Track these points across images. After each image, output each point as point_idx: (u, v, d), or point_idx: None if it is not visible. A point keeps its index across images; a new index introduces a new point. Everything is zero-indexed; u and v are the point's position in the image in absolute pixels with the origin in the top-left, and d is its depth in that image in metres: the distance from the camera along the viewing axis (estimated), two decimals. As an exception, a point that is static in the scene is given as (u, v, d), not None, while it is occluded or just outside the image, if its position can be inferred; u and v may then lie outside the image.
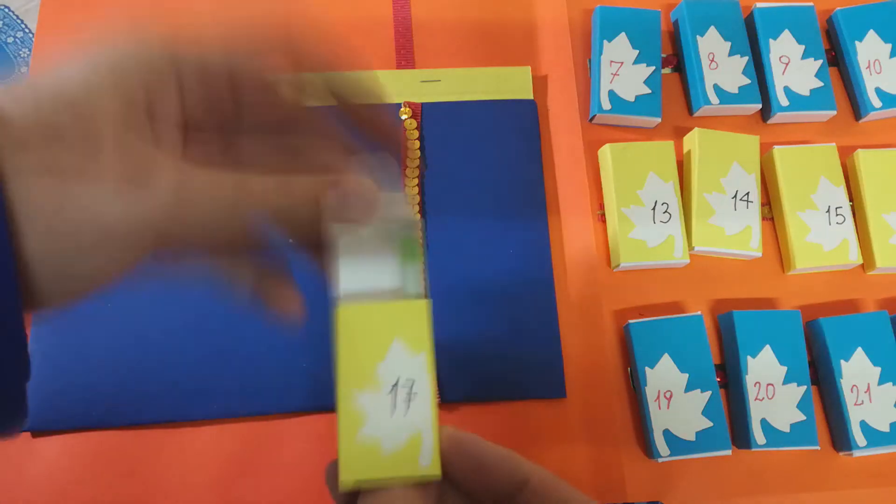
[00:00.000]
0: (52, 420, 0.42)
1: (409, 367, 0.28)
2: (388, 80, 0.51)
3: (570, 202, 0.49)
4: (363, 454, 0.26)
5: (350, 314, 0.29)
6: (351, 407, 0.27)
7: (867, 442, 0.43)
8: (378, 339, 0.29)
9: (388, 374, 0.28)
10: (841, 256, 0.47)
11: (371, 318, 0.29)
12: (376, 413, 0.27)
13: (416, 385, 0.28)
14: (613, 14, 0.52)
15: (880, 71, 0.52)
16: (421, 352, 0.29)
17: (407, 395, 0.28)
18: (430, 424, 0.27)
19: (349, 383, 0.27)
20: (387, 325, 0.29)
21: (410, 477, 0.24)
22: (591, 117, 0.51)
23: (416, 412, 0.28)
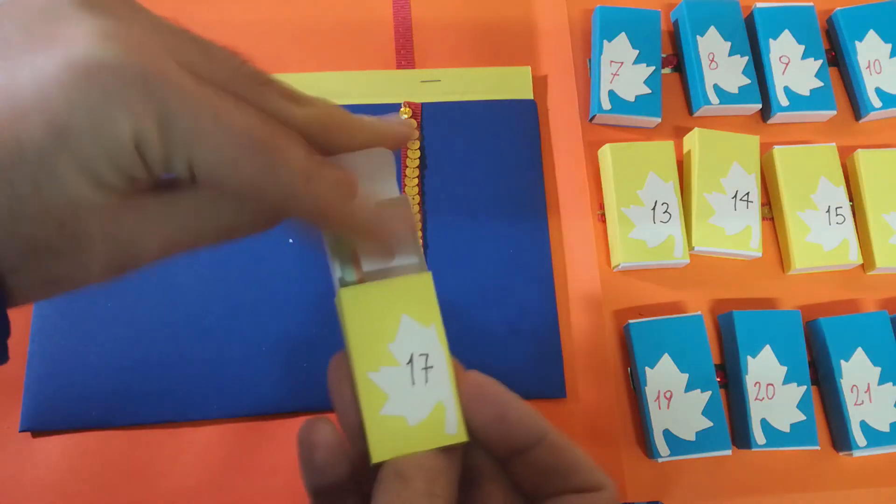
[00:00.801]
0: (52, 420, 0.42)
1: (421, 340, 0.29)
2: (388, 80, 0.51)
3: (570, 202, 0.49)
4: (390, 431, 0.26)
5: (354, 296, 0.28)
6: (370, 388, 0.27)
7: (867, 442, 0.43)
8: (386, 317, 0.29)
9: (401, 351, 0.28)
10: (841, 256, 0.47)
11: (375, 298, 0.29)
12: (396, 390, 0.27)
13: (431, 357, 0.29)
14: (613, 14, 0.52)
15: (880, 71, 0.52)
16: (431, 324, 0.29)
17: (423, 368, 0.28)
18: (450, 393, 0.28)
19: (364, 366, 0.28)
20: (392, 302, 0.29)
21: (437, 443, 0.24)
22: (591, 117, 0.51)
23: (434, 383, 0.28)
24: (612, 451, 0.44)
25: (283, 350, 0.44)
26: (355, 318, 0.28)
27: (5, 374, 0.43)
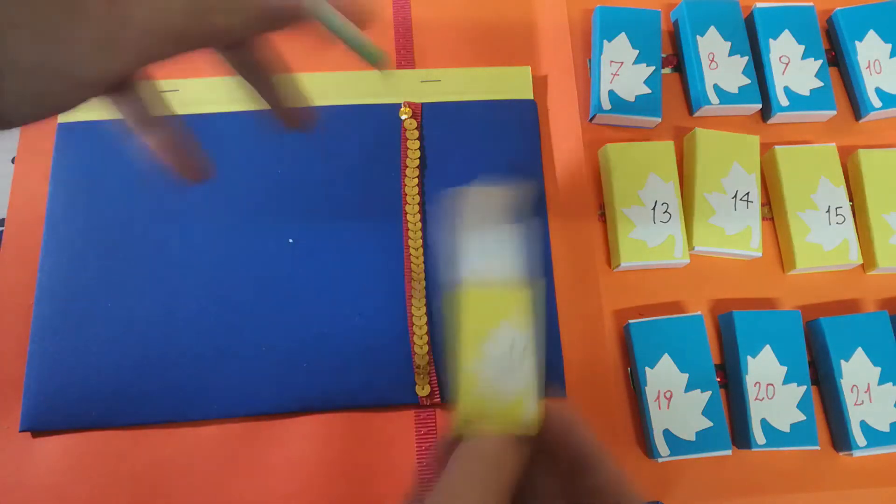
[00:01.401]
0: (52, 420, 0.42)
1: (517, 342, 0.34)
2: (388, 80, 0.51)
3: (570, 202, 0.49)
4: (476, 408, 0.31)
5: (470, 297, 0.34)
6: (468, 371, 0.32)
7: (867, 442, 0.43)
8: (490, 319, 0.34)
9: (499, 347, 0.34)
10: (841, 256, 0.47)
11: (485, 302, 0.34)
12: (488, 378, 0.33)
13: (523, 357, 0.34)
14: (613, 14, 0.52)
15: (880, 71, 0.52)
16: (526, 331, 0.35)
17: (515, 366, 0.33)
18: (533, 390, 0.33)
19: (467, 353, 0.33)
20: (499, 307, 0.34)
21: (513, 429, 0.29)
22: (591, 117, 0.51)
23: (521, 379, 0.34)
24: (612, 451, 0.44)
25: (283, 350, 0.44)
26: (469, 314, 0.34)
27: (5, 374, 0.43)
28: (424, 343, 0.44)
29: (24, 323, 0.44)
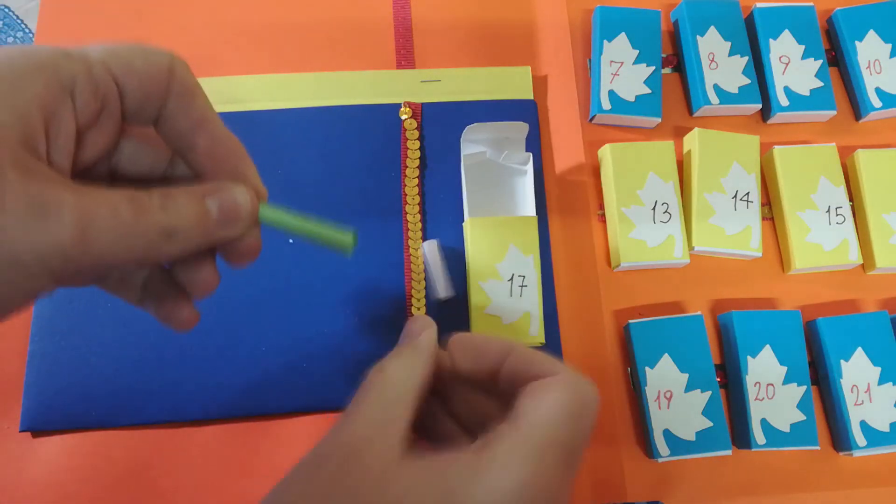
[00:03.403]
0: (52, 420, 0.42)
1: (522, 265, 0.40)
2: (388, 80, 0.51)
3: (570, 202, 0.49)
4: (487, 325, 0.36)
5: (475, 225, 0.41)
6: (479, 293, 0.38)
7: (867, 442, 0.43)
8: (498, 243, 0.40)
9: (505, 270, 0.39)
10: (841, 256, 0.47)
11: (492, 228, 0.41)
12: (497, 297, 0.38)
13: (527, 279, 0.40)
14: (613, 14, 0.52)
15: (880, 71, 0.52)
16: (530, 254, 0.41)
17: (520, 286, 0.38)
18: (537, 307, 0.39)
19: (477, 276, 0.39)
20: (504, 233, 0.41)
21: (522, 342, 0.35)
22: (591, 117, 0.51)
23: (526, 298, 0.39)
24: (612, 451, 0.44)
25: (283, 350, 0.44)
26: (475, 241, 0.41)
27: (5, 374, 0.43)
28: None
29: (24, 323, 0.44)
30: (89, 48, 0.24)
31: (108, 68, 0.23)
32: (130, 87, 0.24)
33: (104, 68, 0.23)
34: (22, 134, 0.21)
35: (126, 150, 0.27)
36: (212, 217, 0.25)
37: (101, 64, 0.23)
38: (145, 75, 0.24)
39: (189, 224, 0.24)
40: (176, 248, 0.24)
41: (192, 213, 0.24)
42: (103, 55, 0.23)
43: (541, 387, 0.28)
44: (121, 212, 0.22)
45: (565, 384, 0.28)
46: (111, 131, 0.25)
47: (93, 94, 0.23)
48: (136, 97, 0.24)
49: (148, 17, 0.53)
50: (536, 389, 0.28)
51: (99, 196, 0.21)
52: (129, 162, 0.27)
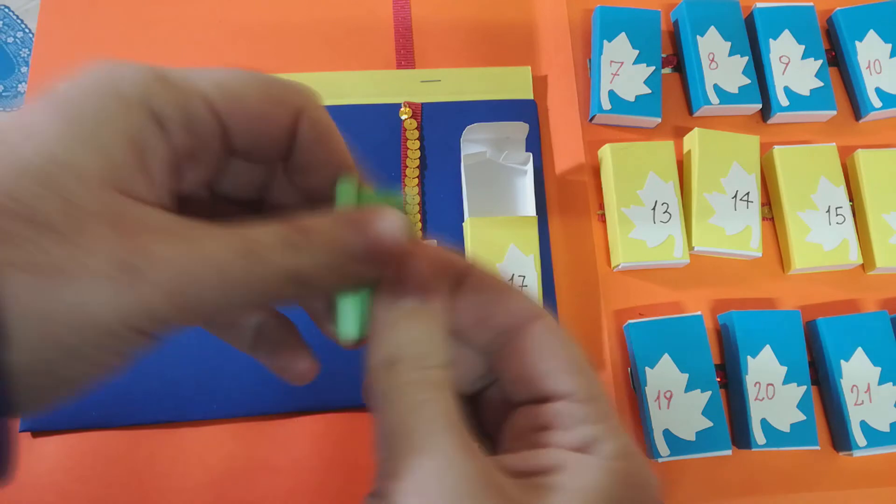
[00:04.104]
0: (52, 420, 0.42)
1: (522, 265, 0.41)
2: (388, 80, 0.51)
3: (570, 202, 0.49)
4: None
5: (475, 225, 0.42)
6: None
7: (867, 442, 0.43)
8: (498, 243, 0.41)
9: (506, 270, 0.40)
10: (841, 256, 0.47)
11: (491, 229, 0.42)
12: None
13: (527, 279, 0.42)
14: (613, 14, 0.52)
15: (880, 71, 0.52)
16: (530, 254, 0.42)
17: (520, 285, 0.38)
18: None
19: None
20: (504, 233, 0.42)
21: None
22: (591, 117, 0.51)
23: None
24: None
25: (283, 350, 0.44)
26: (475, 241, 0.42)
27: (5, 374, 0.43)
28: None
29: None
30: (195, 74, 0.20)
31: (209, 103, 0.20)
32: (239, 128, 0.20)
33: (204, 103, 0.20)
34: (111, 174, 0.18)
35: (233, 177, 0.23)
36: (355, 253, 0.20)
37: (203, 99, 0.20)
38: (259, 117, 0.20)
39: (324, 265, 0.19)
40: (307, 294, 0.20)
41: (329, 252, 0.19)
42: (209, 88, 0.20)
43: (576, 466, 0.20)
44: (229, 266, 0.18)
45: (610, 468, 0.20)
46: (211, 163, 0.21)
47: (185, 131, 0.20)
48: (246, 140, 0.21)
49: (148, 17, 0.53)
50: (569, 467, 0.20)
51: (203, 244, 0.18)
52: (231, 185, 0.23)
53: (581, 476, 0.20)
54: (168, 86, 0.19)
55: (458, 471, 0.18)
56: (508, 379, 0.23)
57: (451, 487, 0.18)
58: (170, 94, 0.19)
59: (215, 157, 0.21)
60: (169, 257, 0.17)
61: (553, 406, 0.22)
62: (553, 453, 0.21)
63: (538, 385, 0.22)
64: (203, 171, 0.21)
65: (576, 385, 0.22)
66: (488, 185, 0.48)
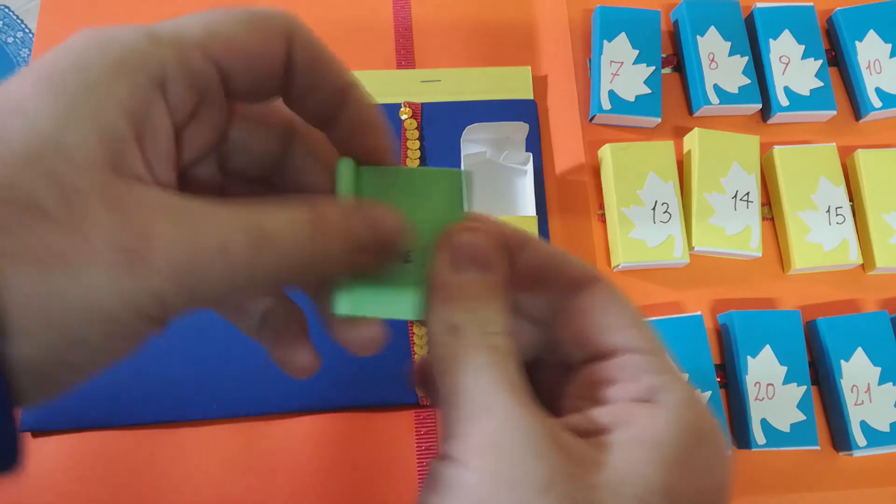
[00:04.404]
0: (52, 420, 0.42)
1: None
2: (388, 80, 0.51)
3: (570, 202, 0.49)
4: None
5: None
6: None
7: (867, 442, 0.43)
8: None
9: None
10: (841, 256, 0.47)
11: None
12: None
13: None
14: (613, 14, 0.52)
15: (880, 71, 0.52)
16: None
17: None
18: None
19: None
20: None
21: None
22: (591, 117, 0.51)
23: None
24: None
25: (283, 350, 0.44)
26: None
27: (5, 374, 0.43)
28: (424, 343, 0.44)
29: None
30: (183, 25, 0.19)
31: (207, 52, 0.19)
32: (237, 69, 0.20)
33: (202, 53, 0.19)
34: (109, 154, 0.17)
35: (235, 137, 0.22)
36: (362, 243, 0.20)
37: (199, 48, 0.19)
38: (254, 53, 0.19)
39: (337, 251, 0.19)
40: (313, 279, 0.20)
41: (342, 239, 0.19)
42: (201, 36, 0.19)
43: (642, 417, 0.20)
44: (234, 248, 0.17)
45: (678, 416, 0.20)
46: (216, 123, 0.21)
47: (189, 87, 0.19)
48: (245, 80, 0.20)
49: (147, 17, 0.53)
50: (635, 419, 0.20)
51: (208, 225, 0.17)
52: (238, 150, 0.22)
53: (648, 426, 0.19)
54: (163, 43, 0.18)
55: (522, 429, 0.18)
56: (567, 340, 0.23)
57: (516, 445, 0.18)
58: (167, 51, 0.18)
59: (219, 111, 0.20)
60: (173, 239, 0.17)
61: (616, 360, 0.21)
62: (617, 407, 0.20)
63: (599, 341, 0.22)
64: (209, 133, 0.21)
65: (639, 338, 0.21)
66: (488, 185, 0.48)
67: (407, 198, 0.22)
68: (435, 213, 0.22)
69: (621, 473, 0.18)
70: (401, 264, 0.22)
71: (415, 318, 0.22)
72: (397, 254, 0.21)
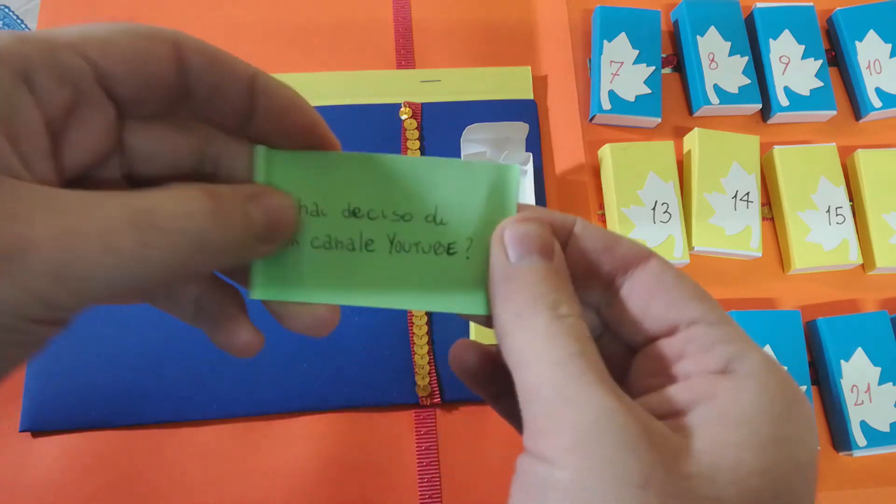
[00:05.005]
0: (52, 420, 0.42)
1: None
2: (388, 80, 0.51)
3: (570, 202, 0.49)
4: None
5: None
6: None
7: (867, 442, 0.43)
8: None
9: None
10: (841, 256, 0.47)
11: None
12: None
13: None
14: (613, 14, 0.52)
15: (880, 71, 0.52)
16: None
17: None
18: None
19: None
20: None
21: None
22: (591, 117, 0.51)
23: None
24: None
25: (283, 350, 0.44)
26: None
27: (5, 374, 0.43)
28: (424, 343, 0.44)
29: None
30: (56, 30, 0.19)
31: (78, 50, 0.18)
32: (116, 71, 0.19)
33: (73, 51, 0.18)
34: None
35: (137, 147, 0.21)
36: (256, 229, 0.20)
37: (69, 46, 0.18)
38: (133, 54, 0.19)
39: (233, 236, 0.19)
40: (212, 265, 0.19)
41: (238, 224, 0.19)
42: (74, 37, 0.18)
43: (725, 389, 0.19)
44: (119, 238, 0.16)
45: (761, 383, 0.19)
46: (103, 126, 0.20)
47: (57, 80, 0.18)
48: (129, 83, 0.19)
49: (147, 18, 0.53)
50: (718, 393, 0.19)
51: (89, 216, 0.16)
52: (144, 161, 0.21)
53: (732, 401, 0.18)
54: (29, 41, 0.18)
55: (613, 423, 0.17)
56: (626, 321, 0.22)
57: (609, 440, 0.17)
58: (32, 46, 0.18)
59: (102, 114, 0.19)
60: (49, 235, 0.16)
61: (682, 334, 0.20)
62: (694, 382, 0.19)
63: (661, 317, 0.21)
64: (97, 136, 0.20)
65: (703, 308, 0.21)
66: None
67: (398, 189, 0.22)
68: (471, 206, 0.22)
69: (713, 458, 0.17)
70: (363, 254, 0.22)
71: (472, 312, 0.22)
72: (286, 240, 0.21)
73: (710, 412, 0.18)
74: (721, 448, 0.17)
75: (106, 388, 0.43)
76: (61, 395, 0.42)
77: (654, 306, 0.21)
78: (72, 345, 0.43)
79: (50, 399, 0.42)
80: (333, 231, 0.22)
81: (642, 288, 0.21)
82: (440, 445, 0.43)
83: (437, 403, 0.44)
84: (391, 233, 0.22)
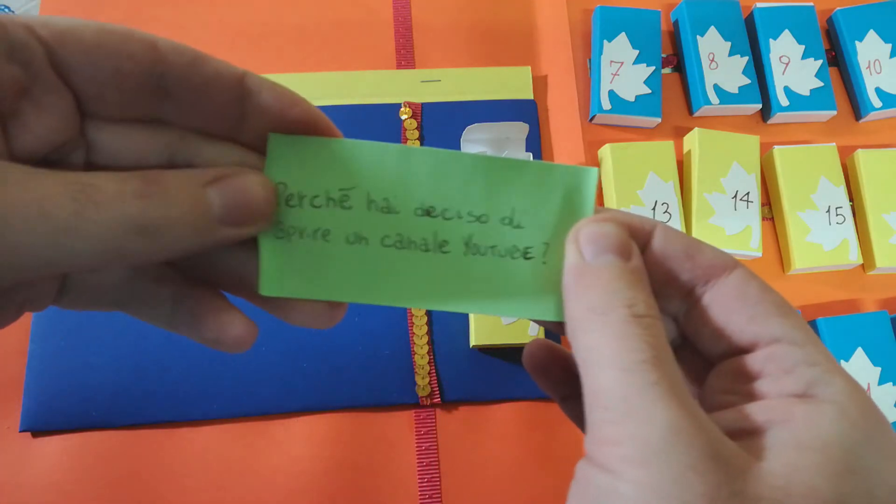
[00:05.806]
0: (52, 420, 0.42)
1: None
2: (388, 80, 0.51)
3: (570, 202, 0.49)
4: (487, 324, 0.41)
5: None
6: None
7: (867, 442, 0.43)
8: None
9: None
10: (841, 256, 0.47)
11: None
12: None
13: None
14: (613, 14, 0.52)
15: (880, 71, 0.52)
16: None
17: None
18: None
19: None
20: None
21: None
22: (591, 117, 0.51)
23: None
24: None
25: (283, 350, 0.44)
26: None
27: (5, 374, 0.43)
28: (424, 343, 0.44)
29: (24, 323, 0.44)
30: (20, 15, 0.18)
31: (32, 32, 0.18)
32: (74, 59, 0.18)
33: (25, 29, 0.18)
34: None
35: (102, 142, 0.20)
36: (212, 211, 0.19)
37: (23, 26, 0.18)
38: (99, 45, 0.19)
39: (177, 218, 0.18)
40: (158, 249, 0.18)
41: (183, 204, 0.18)
42: (33, 21, 0.18)
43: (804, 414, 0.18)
44: (56, 208, 0.16)
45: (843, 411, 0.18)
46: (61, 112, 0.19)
47: (5, 56, 0.17)
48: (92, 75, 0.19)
49: (147, 17, 0.53)
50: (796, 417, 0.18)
51: (29, 186, 0.16)
52: (108, 156, 0.20)
53: (810, 426, 0.17)
54: None
55: (682, 439, 0.16)
56: (705, 333, 0.21)
57: (676, 458, 0.16)
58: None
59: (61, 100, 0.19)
60: None
61: (763, 351, 0.20)
62: (771, 403, 0.19)
63: (742, 332, 0.20)
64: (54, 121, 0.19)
65: (787, 326, 0.20)
66: None
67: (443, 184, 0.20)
68: (548, 209, 0.21)
69: (785, 483, 0.17)
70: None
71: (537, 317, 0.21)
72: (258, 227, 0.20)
73: (785, 435, 0.18)
74: (795, 473, 0.17)
75: (106, 388, 0.43)
76: (61, 395, 0.42)
77: (736, 320, 0.20)
78: (72, 345, 0.43)
79: (50, 399, 0.42)
80: (405, 230, 0.20)
81: (724, 299, 0.20)
82: (440, 445, 0.43)
83: (437, 403, 0.44)
84: (467, 234, 0.21)
